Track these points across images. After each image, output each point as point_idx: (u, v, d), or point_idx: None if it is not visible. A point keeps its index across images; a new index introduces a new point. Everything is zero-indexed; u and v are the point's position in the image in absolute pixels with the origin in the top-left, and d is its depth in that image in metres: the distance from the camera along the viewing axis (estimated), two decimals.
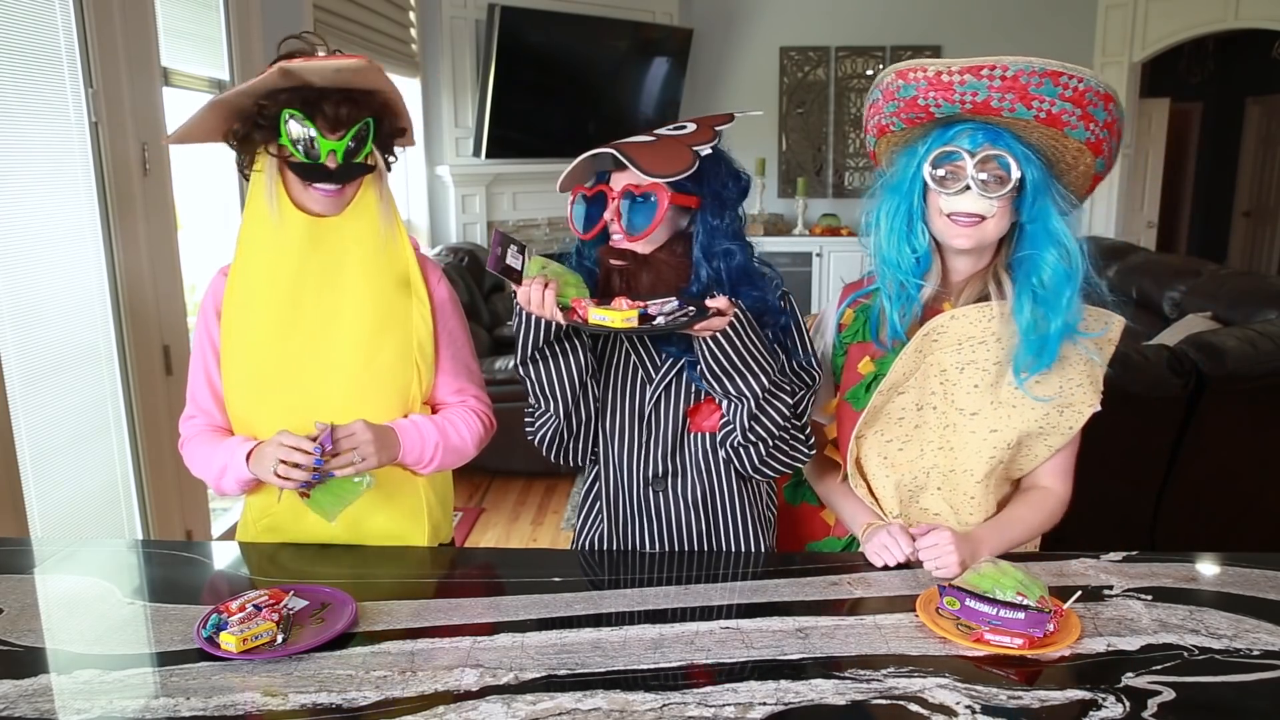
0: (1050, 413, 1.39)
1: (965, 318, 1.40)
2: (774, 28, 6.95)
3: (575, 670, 1.11)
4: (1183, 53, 7.53)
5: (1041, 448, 1.43)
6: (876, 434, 1.47)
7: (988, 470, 1.41)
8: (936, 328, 1.40)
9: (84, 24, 2.42)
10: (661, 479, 1.45)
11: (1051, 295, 1.34)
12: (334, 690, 1.07)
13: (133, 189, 2.62)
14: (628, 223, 1.35)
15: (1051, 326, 1.34)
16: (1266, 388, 2.61)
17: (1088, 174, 1.38)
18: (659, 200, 1.33)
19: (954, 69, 1.27)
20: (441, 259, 4.93)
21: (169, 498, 2.78)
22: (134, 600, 1.31)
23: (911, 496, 1.46)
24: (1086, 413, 1.40)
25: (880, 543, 1.40)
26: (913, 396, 1.44)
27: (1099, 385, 1.41)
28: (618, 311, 1.25)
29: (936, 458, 1.44)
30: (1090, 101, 1.27)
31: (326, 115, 1.36)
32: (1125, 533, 2.81)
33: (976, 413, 1.40)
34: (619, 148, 1.32)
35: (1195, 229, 9.09)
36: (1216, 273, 4.27)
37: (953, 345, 1.40)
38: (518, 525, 3.75)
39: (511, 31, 5.36)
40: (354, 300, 1.45)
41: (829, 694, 1.05)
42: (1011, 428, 1.39)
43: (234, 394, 1.46)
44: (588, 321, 1.26)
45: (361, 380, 1.45)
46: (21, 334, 2.28)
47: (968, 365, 1.40)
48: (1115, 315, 1.44)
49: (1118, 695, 1.04)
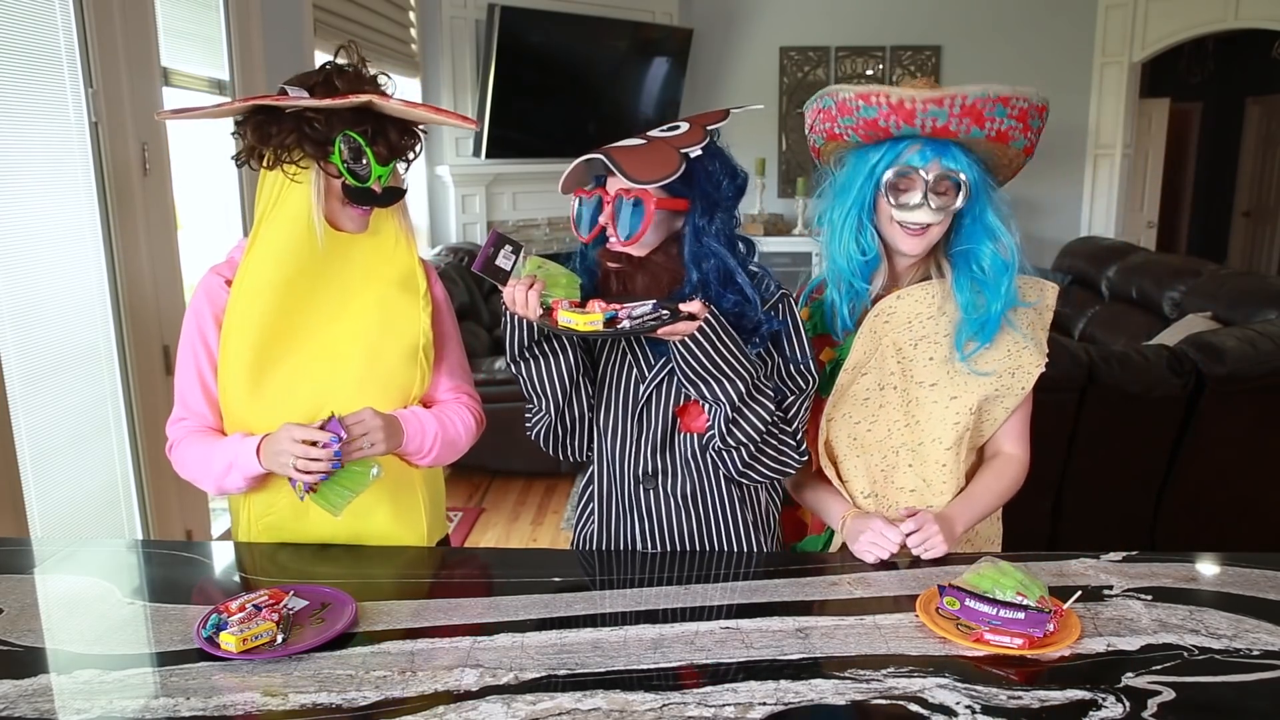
0: (1003, 375, 1.48)
1: (911, 296, 1.49)
2: (774, 28, 6.94)
3: (575, 670, 1.11)
4: (1183, 53, 7.53)
5: (999, 410, 1.52)
6: (844, 416, 1.52)
7: (956, 437, 1.49)
8: (885, 309, 1.48)
9: (84, 24, 2.42)
10: (652, 477, 1.46)
11: (991, 281, 1.44)
12: (334, 690, 1.07)
13: (133, 189, 2.62)
14: (621, 226, 1.36)
15: (992, 309, 1.44)
16: (1266, 388, 2.61)
17: (1016, 167, 1.49)
18: (645, 205, 1.34)
19: (917, 99, 1.34)
20: (441, 259, 4.94)
21: (169, 498, 2.78)
22: (134, 600, 1.31)
23: (885, 476, 1.52)
24: (1035, 373, 1.50)
25: (869, 540, 1.43)
26: (874, 377, 1.50)
27: (1043, 348, 1.51)
28: (584, 315, 1.28)
29: (904, 435, 1.50)
30: (1031, 116, 1.38)
31: (388, 142, 1.40)
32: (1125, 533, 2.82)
33: (935, 383, 1.49)
34: (607, 153, 1.33)
35: (1195, 229, 9.09)
36: (1216, 273, 4.28)
37: (904, 324, 1.48)
38: (517, 525, 3.75)
39: (511, 31, 5.36)
40: (361, 301, 1.47)
41: (829, 694, 1.05)
42: (970, 392, 1.48)
43: (234, 392, 1.45)
44: (556, 324, 1.29)
45: (366, 380, 1.46)
46: (21, 334, 2.28)
47: (921, 340, 1.48)
48: (1049, 283, 1.55)
49: (1118, 695, 1.04)
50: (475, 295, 4.94)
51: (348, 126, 1.37)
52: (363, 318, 1.46)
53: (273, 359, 1.44)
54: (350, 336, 1.46)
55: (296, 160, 1.39)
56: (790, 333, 1.41)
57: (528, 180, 5.96)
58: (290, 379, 1.44)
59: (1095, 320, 4.91)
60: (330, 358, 1.45)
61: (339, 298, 1.46)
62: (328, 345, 1.45)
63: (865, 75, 6.96)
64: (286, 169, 1.39)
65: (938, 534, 1.41)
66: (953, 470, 1.50)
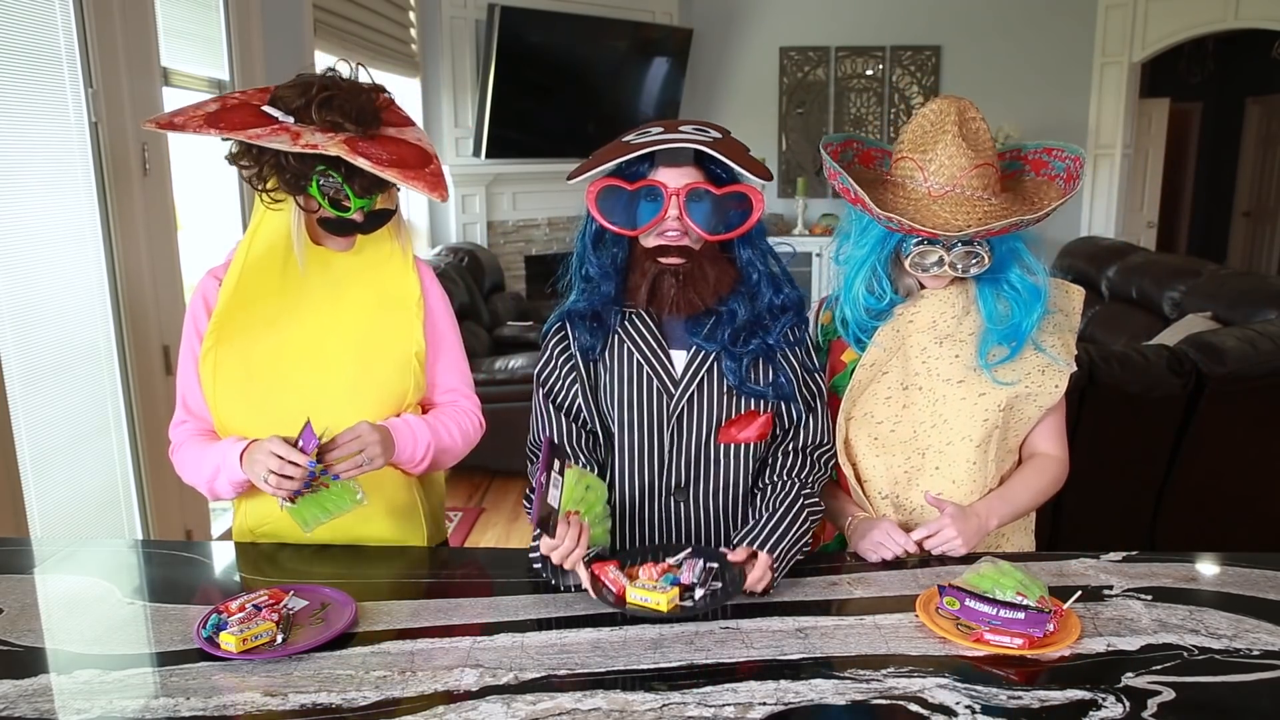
0: (1032, 373, 1.47)
1: (935, 297, 1.47)
2: (774, 28, 6.94)
3: (575, 670, 1.11)
4: (1183, 53, 7.53)
5: (1032, 408, 1.49)
6: (866, 416, 1.50)
7: (984, 434, 1.46)
8: (909, 311, 1.48)
9: (84, 24, 2.42)
10: (684, 489, 1.41)
11: (1025, 301, 1.44)
12: (334, 690, 1.07)
13: (133, 189, 2.62)
14: (701, 221, 1.31)
15: (1022, 325, 1.44)
16: (1266, 388, 2.61)
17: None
18: (754, 202, 1.33)
19: (947, 228, 1.35)
20: (441, 259, 4.93)
21: (169, 498, 2.78)
22: (134, 600, 1.31)
23: (908, 478, 1.49)
24: (1066, 372, 1.48)
25: (875, 539, 1.42)
26: (897, 376, 1.48)
27: (1070, 347, 1.50)
28: (660, 594, 1.18)
29: (931, 436, 1.48)
30: (1071, 173, 1.44)
31: (366, 181, 1.35)
32: (1125, 533, 2.82)
33: (963, 380, 1.46)
34: (717, 148, 1.30)
35: (1195, 229, 9.09)
36: (1216, 273, 4.27)
37: (927, 325, 1.47)
38: (518, 525, 3.75)
39: (511, 31, 5.37)
40: (351, 311, 1.45)
41: (829, 694, 1.05)
42: (998, 390, 1.46)
43: (224, 402, 1.45)
44: (624, 604, 1.20)
45: (358, 389, 1.45)
46: (21, 334, 2.28)
47: (945, 339, 1.47)
48: (1075, 287, 1.55)
49: (1118, 695, 1.04)
50: (475, 295, 4.94)
51: (323, 164, 1.33)
52: (353, 328, 1.45)
53: (261, 370, 1.43)
54: (341, 347, 1.45)
55: (271, 191, 1.37)
56: (810, 342, 1.45)
57: (528, 180, 5.96)
58: (280, 389, 1.43)
59: (1095, 320, 4.90)
60: (321, 368, 1.44)
61: (329, 308, 1.44)
62: (318, 356, 1.44)
63: (865, 75, 6.96)
64: (263, 197, 1.37)
65: (955, 536, 1.39)
66: (981, 469, 1.48)
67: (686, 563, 1.25)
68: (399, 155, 1.34)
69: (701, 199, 1.31)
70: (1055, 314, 1.50)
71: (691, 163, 1.32)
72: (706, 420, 1.38)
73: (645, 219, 1.32)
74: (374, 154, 1.31)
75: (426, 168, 1.36)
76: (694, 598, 1.20)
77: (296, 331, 1.44)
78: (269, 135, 1.29)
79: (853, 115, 7.06)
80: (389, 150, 1.34)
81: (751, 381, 1.38)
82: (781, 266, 1.42)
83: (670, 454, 1.39)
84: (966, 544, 1.41)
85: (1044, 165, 1.49)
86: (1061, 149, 1.47)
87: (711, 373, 1.38)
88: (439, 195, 1.35)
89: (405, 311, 1.48)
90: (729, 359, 1.37)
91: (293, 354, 1.44)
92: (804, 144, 7.12)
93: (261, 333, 1.43)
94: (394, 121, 1.42)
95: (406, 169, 1.33)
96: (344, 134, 1.31)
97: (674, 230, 1.32)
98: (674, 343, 1.39)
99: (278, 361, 1.44)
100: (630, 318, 1.40)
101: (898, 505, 1.50)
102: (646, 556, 1.28)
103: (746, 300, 1.37)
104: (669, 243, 1.33)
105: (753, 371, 1.38)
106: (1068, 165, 1.46)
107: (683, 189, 1.30)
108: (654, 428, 1.39)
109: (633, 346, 1.39)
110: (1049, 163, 1.48)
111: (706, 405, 1.38)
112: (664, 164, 1.31)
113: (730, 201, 1.33)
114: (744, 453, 1.41)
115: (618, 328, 1.39)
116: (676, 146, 1.30)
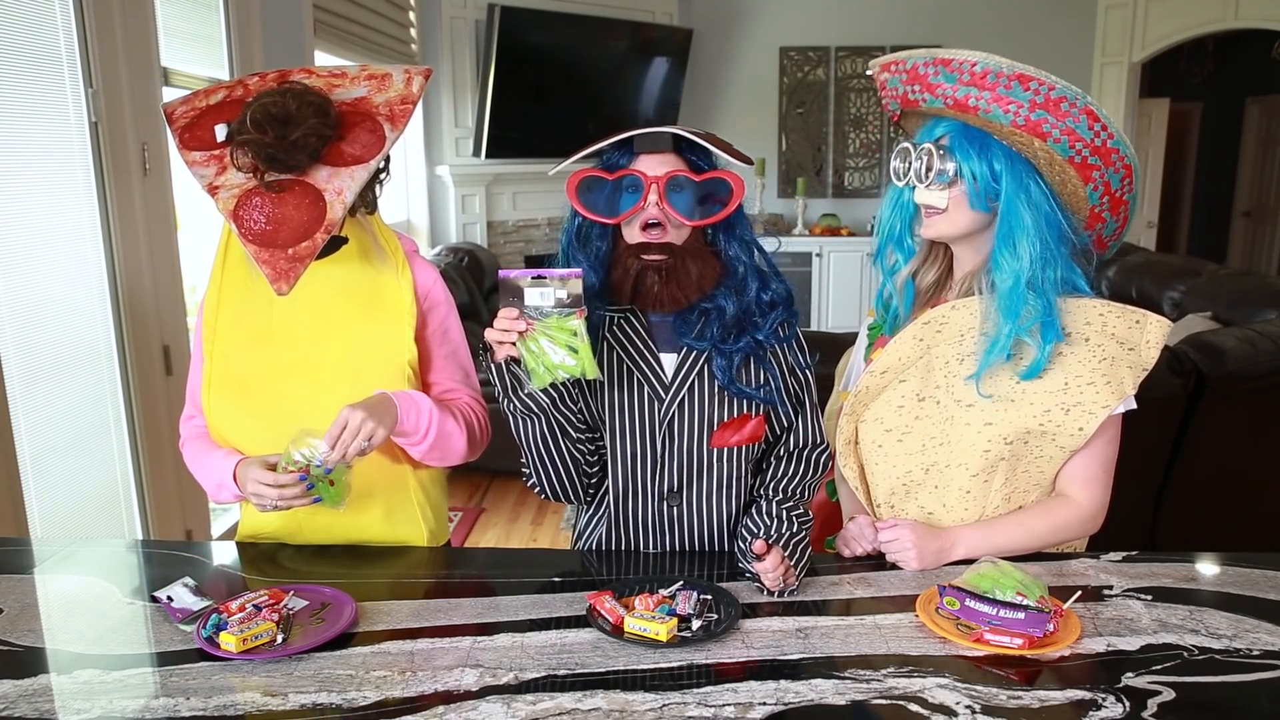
0: (1053, 410, 1.34)
1: (966, 308, 1.40)
2: (774, 28, 6.94)
3: (575, 670, 1.11)
4: (1182, 53, 7.52)
5: (1052, 448, 1.37)
6: (876, 420, 1.45)
7: (984, 466, 1.37)
8: (938, 318, 1.41)
9: (84, 24, 2.43)
10: (678, 493, 1.41)
11: (1004, 300, 1.32)
12: (334, 690, 1.07)
13: (132, 189, 2.62)
14: (682, 208, 1.31)
15: (1000, 330, 1.32)
16: (1266, 388, 2.61)
17: (1078, 201, 1.35)
18: (734, 186, 1.33)
19: (929, 60, 1.31)
20: (441, 259, 4.93)
21: (169, 498, 2.78)
22: (134, 600, 1.31)
23: (906, 491, 1.44)
24: (1100, 414, 1.33)
25: (849, 534, 1.43)
26: (914, 386, 1.42)
27: (1123, 387, 1.34)
28: (661, 624, 1.16)
29: (937, 453, 1.41)
30: (1066, 112, 1.25)
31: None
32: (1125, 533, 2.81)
33: (973, 405, 1.37)
34: (692, 131, 1.31)
35: (1195, 229, 9.09)
36: (1216, 273, 4.27)
37: (955, 338, 1.40)
38: (518, 525, 3.75)
39: (511, 31, 5.37)
40: (341, 323, 1.45)
41: (829, 694, 1.05)
42: (1008, 422, 1.35)
43: (221, 414, 1.45)
44: (624, 632, 1.17)
45: (350, 397, 1.43)
46: (21, 334, 2.28)
47: (967, 357, 1.38)
48: (1154, 317, 1.36)
49: (1118, 695, 1.04)
50: (475, 295, 4.94)
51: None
52: (343, 341, 1.44)
53: (256, 385, 1.43)
54: (333, 358, 1.44)
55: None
56: (801, 338, 1.45)
57: (528, 180, 5.96)
58: (275, 402, 1.43)
59: None
60: (312, 380, 1.43)
61: (316, 324, 1.44)
62: (310, 371, 1.44)
63: (865, 75, 6.96)
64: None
65: (910, 548, 1.36)
66: (978, 500, 1.40)
67: (680, 594, 1.25)
68: (277, 221, 1.23)
69: (682, 187, 1.32)
70: (1107, 344, 1.35)
71: (671, 150, 1.33)
72: (698, 423, 1.38)
73: (625, 208, 1.33)
74: (250, 219, 1.23)
75: (297, 244, 1.24)
76: (691, 629, 1.19)
77: (287, 346, 1.44)
78: (202, 164, 1.27)
79: (853, 115, 7.06)
80: (275, 211, 1.24)
81: (741, 382, 1.38)
82: (768, 259, 1.42)
83: (663, 458, 1.39)
84: (920, 560, 1.35)
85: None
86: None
87: (702, 375, 1.38)
88: (277, 287, 1.23)
89: (396, 319, 1.46)
90: (719, 357, 1.37)
91: (284, 371, 1.44)
92: (804, 144, 7.12)
93: (253, 350, 1.44)
94: (362, 139, 1.30)
95: (267, 246, 1.23)
96: (257, 177, 1.25)
97: (655, 219, 1.32)
98: (663, 345, 1.39)
99: (270, 377, 1.44)
100: (619, 321, 1.40)
101: (895, 514, 1.46)
102: (640, 588, 1.28)
103: (734, 295, 1.37)
104: (651, 239, 1.33)
105: (743, 371, 1.39)
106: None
107: (663, 177, 1.31)
108: (646, 432, 1.39)
109: (622, 352, 1.38)
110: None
111: (698, 408, 1.38)
112: (643, 153, 1.33)
113: (710, 188, 1.34)
114: (738, 455, 1.41)
115: (606, 332, 1.39)
116: (655, 132, 1.32)
